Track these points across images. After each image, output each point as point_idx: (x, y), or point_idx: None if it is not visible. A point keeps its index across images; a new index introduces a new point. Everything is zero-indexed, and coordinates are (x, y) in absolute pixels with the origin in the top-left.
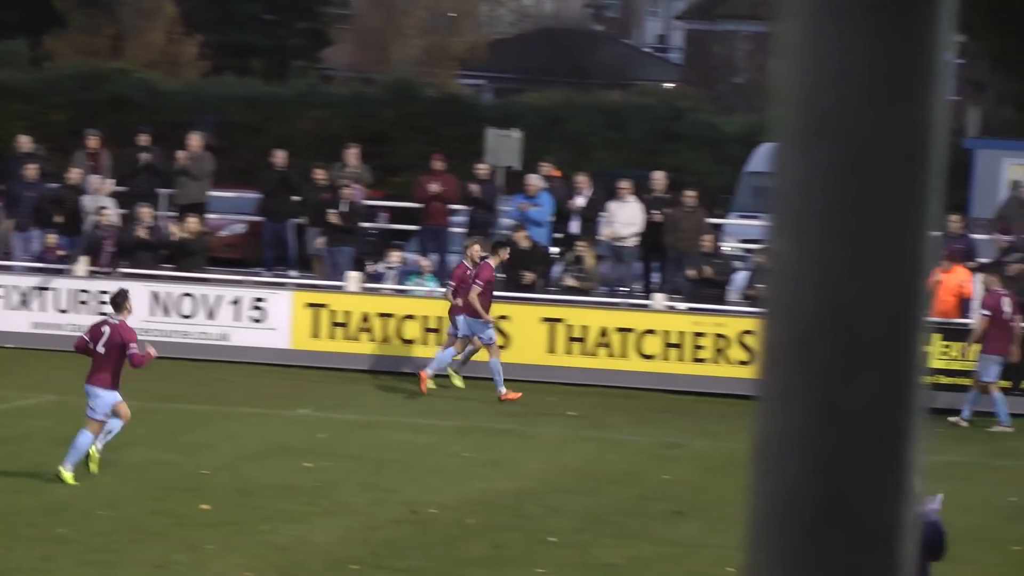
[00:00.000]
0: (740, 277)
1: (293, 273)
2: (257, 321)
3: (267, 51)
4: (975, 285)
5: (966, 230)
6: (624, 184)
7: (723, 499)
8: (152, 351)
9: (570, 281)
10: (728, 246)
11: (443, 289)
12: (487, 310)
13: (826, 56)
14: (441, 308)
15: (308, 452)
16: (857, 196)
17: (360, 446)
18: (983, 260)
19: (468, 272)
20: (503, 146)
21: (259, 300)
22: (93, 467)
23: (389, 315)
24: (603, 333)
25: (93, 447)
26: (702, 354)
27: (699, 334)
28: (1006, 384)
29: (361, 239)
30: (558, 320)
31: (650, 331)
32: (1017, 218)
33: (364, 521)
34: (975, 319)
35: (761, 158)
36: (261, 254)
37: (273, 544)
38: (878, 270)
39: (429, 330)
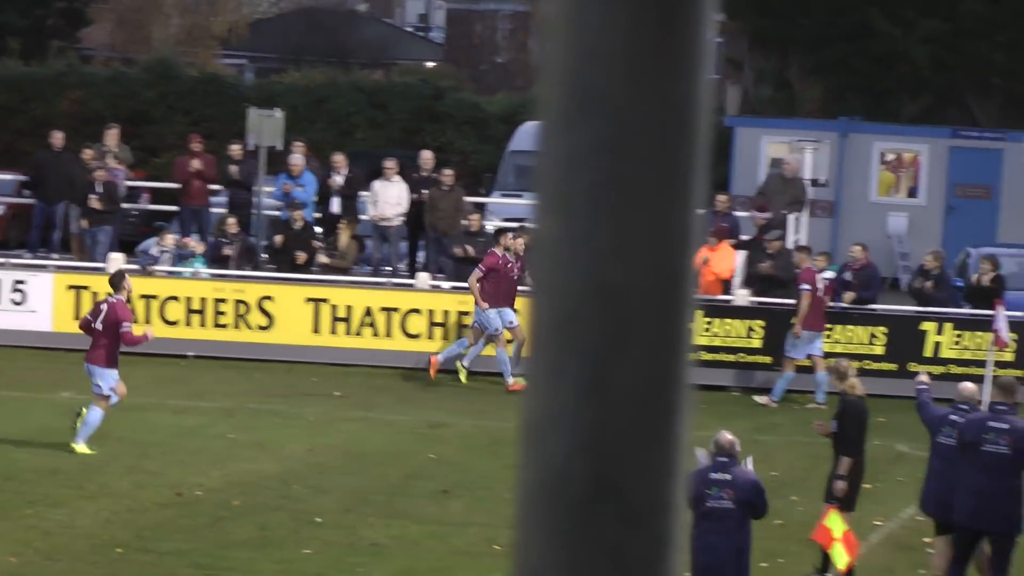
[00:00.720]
0: None
1: (55, 255)
2: (17, 304)
3: (24, 31)
4: (738, 263)
5: (731, 208)
6: (390, 164)
7: (489, 477)
8: (150, 333)
9: (323, 259)
10: (491, 225)
11: (210, 271)
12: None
13: (589, 34)
14: (204, 289)
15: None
16: (622, 174)
17: (125, 429)
18: (744, 237)
19: (507, 263)
20: (265, 126)
21: (19, 282)
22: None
23: (152, 296)
24: (368, 313)
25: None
26: (466, 332)
27: (464, 313)
28: (767, 360)
29: (122, 220)
30: (323, 300)
31: (415, 310)
32: (778, 195)
33: (129, 504)
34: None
35: (524, 137)
36: (22, 235)
37: (37, 528)
38: (644, 248)
39: (193, 311)
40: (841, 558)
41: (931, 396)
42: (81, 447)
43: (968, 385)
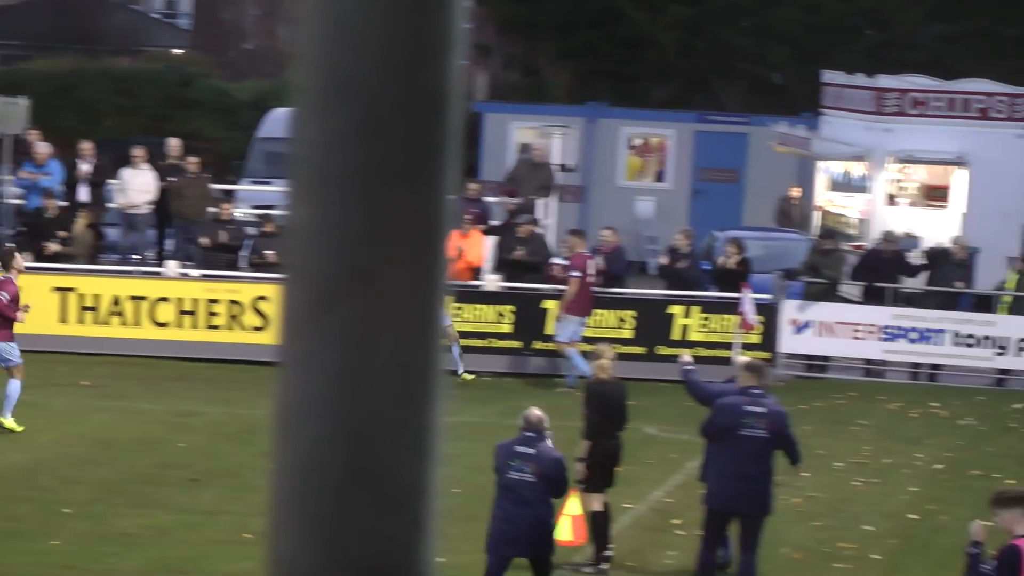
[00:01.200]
0: (252, 243)
1: None
2: None
3: None
4: (488, 249)
5: (481, 194)
6: (138, 151)
7: (240, 466)
8: (22, 316)
9: (54, 247)
10: (240, 212)
11: None
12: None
13: (343, 21)
14: None
15: None
16: (376, 160)
17: None
18: (495, 223)
19: None
20: (9, 114)
21: None
22: None
23: None
24: (116, 302)
25: None
26: (216, 321)
27: (213, 301)
28: (517, 344)
29: None
30: (70, 289)
31: (163, 299)
32: (527, 180)
33: None
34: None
35: (273, 124)
36: None
37: None
38: (398, 233)
39: None
40: (562, 532)
41: (698, 375)
42: (9, 422)
43: (744, 359)
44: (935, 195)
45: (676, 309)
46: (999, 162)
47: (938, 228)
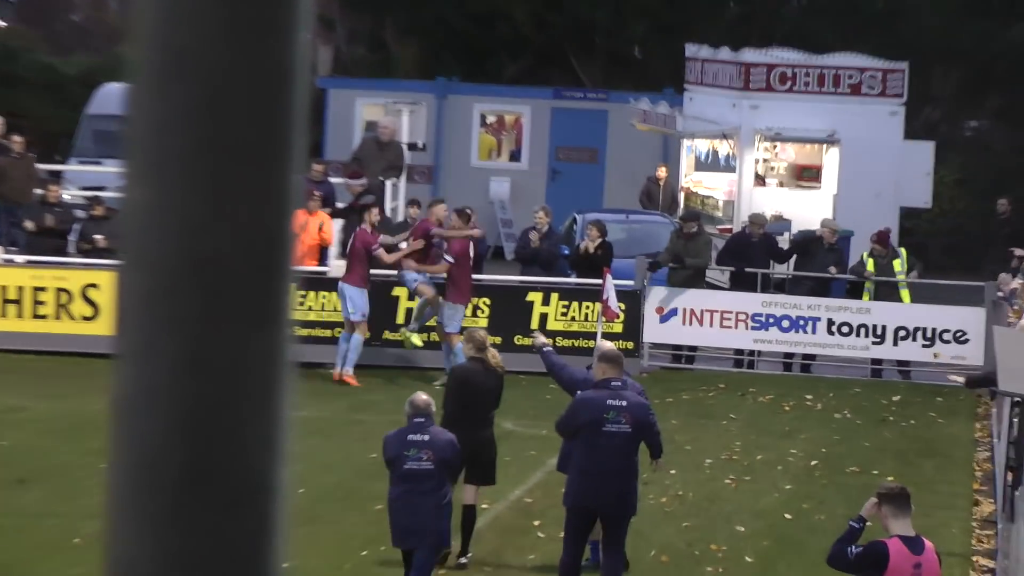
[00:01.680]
0: (80, 227)
1: None
2: None
3: None
4: (335, 232)
5: (327, 175)
6: None
7: (69, 465)
8: None
9: None
10: (69, 194)
11: None
12: (365, 281)
13: None
14: None
15: None
16: (217, 138)
17: None
18: (340, 205)
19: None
20: None
21: None
22: None
23: None
24: None
25: None
26: (43, 310)
27: (39, 288)
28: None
29: None
30: None
31: None
32: (374, 160)
33: None
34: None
35: (103, 100)
36: None
37: None
38: (241, 215)
39: None
40: None
41: (559, 357)
42: None
43: (600, 350)
44: (806, 175)
45: (534, 296)
46: (872, 140)
47: (810, 210)
